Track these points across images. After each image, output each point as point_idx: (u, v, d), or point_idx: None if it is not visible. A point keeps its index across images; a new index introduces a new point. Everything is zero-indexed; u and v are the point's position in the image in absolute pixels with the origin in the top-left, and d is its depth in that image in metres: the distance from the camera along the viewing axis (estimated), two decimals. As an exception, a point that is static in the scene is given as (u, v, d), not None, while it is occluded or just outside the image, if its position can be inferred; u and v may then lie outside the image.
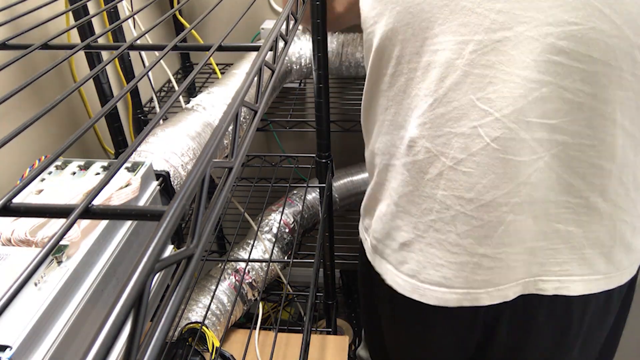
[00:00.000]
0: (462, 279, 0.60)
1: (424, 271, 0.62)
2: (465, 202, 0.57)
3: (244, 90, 0.25)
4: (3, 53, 0.40)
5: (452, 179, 0.57)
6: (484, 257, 0.59)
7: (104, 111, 0.26)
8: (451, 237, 0.59)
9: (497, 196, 0.56)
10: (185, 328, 0.86)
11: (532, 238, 0.58)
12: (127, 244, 0.45)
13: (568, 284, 0.60)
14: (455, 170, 0.56)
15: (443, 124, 0.55)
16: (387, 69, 0.60)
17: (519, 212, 0.56)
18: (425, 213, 0.60)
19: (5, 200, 0.21)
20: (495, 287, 0.60)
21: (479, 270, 0.59)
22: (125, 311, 0.14)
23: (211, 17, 1.32)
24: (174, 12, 0.43)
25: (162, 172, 0.57)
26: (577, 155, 0.54)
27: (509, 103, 0.51)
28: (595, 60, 0.49)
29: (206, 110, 0.84)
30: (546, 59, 0.49)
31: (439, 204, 0.59)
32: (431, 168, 0.58)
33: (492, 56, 0.51)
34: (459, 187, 0.57)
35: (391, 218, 0.65)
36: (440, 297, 0.62)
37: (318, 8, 0.75)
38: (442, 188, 0.58)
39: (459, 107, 0.54)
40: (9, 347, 0.31)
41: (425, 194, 0.60)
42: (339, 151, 1.44)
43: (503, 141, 0.53)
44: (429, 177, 0.59)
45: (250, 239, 1.12)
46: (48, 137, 0.83)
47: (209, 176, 0.21)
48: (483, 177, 0.55)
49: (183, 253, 0.18)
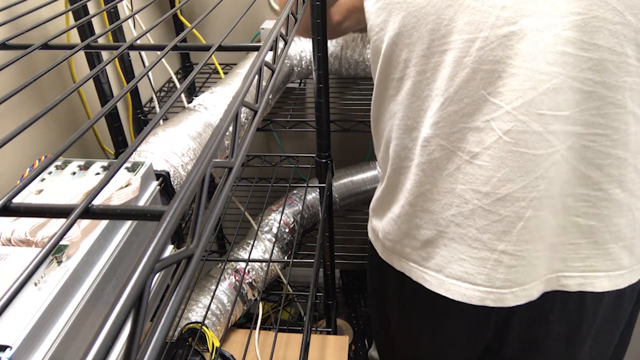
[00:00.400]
0: (483, 276, 0.60)
1: (449, 266, 0.62)
2: (482, 195, 0.57)
3: (244, 90, 0.25)
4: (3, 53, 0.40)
5: (469, 173, 0.57)
6: (504, 254, 0.59)
7: (104, 111, 0.26)
8: (471, 232, 0.60)
9: (512, 190, 0.56)
10: (185, 328, 0.86)
11: (552, 233, 0.58)
12: (127, 244, 0.45)
13: (592, 280, 0.60)
14: (471, 164, 0.57)
15: (457, 120, 0.56)
16: (395, 74, 0.61)
17: (539, 207, 0.56)
18: (445, 208, 0.61)
19: (5, 200, 0.21)
20: (520, 286, 0.60)
21: (499, 268, 0.59)
22: (125, 311, 0.14)
23: (211, 17, 1.32)
24: (174, 12, 0.43)
25: (162, 172, 0.57)
26: (591, 145, 0.54)
27: (518, 96, 0.52)
28: (600, 48, 0.50)
29: (208, 110, 0.84)
30: (553, 49, 0.50)
31: (458, 198, 0.59)
32: (449, 164, 0.59)
33: (499, 51, 0.51)
34: (476, 181, 0.57)
35: (408, 219, 0.65)
36: (464, 293, 0.62)
37: (318, 8, 0.75)
38: (460, 182, 0.58)
39: (471, 103, 0.55)
40: (9, 347, 0.31)
41: (445, 190, 0.60)
42: (339, 151, 1.44)
43: (515, 134, 0.53)
44: (447, 173, 0.59)
45: (250, 239, 1.12)
46: (48, 137, 0.83)
47: (209, 176, 0.21)
48: (497, 170, 0.56)
49: (183, 253, 0.18)
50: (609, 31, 0.49)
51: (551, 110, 0.52)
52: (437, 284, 0.64)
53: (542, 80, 0.51)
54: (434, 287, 0.64)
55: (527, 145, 0.54)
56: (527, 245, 0.58)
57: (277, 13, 1.29)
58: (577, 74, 0.51)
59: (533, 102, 0.52)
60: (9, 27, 0.69)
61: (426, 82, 0.57)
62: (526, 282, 0.60)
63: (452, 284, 0.63)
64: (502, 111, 0.53)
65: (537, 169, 0.55)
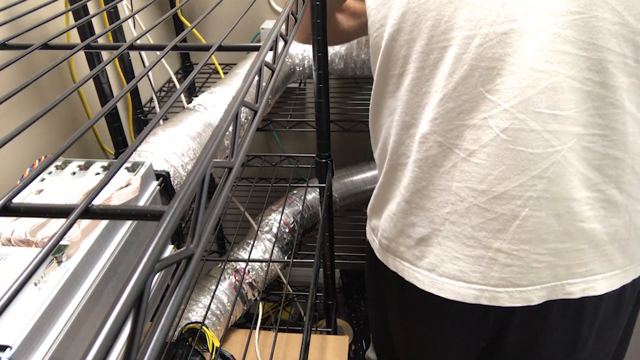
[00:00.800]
0: (478, 274, 0.60)
1: (442, 265, 0.62)
2: (478, 193, 0.57)
3: (244, 90, 0.25)
4: (3, 53, 0.40)
5: (465, 171, 0.57)
6: (499, 251, 0.58)
7: (104, 111, 0.26)
8: (466, 230, 0.59)
9: (508, 188, 0.56)
10: (185, 328, 0.86)
11: (556, 239, 0.58)
12: (127, 244, 0.45)
13: (593, 284, 0.60)
14: (468, 162, 0.57)
15: (454, 117, 0.56)
16: (394, 70, 0.61)
17: (537, 207, 0.56)
18: (441, 206, 0.61)
19: (5, 200, 0.21)
20: (515, 287, 0.60)
21: (494, 265, 0.59)
22: (125, 311, 0.14)
23: (211, 17, 1.32)
24: (174, 12, 0.43)
25: (162, 172, 0.57)
26: (591, 146, 0.54)
27: (516, 93, 0.52)
28: (600, 48, 0.50)
29: (207, 110, 0.84)
30: (552, 48, 0.50)
31: (454, 195, 0.59)
32: (445, 161, 0.59)
33: (498, 49, 0.51)
34: (472, 179, 0.57)
35: (403, 216, 0.65)
36: (458, 292, 0.62)
37: (318, 8, 0.75)
38: (456, 180, 0.58)
39: (469, 100, 0.54)
40: (9, 347, 0.31)
41: (441, 187, 0.60)
42: (339, 151, 1.44)
43: (512, 132, 0.53)
44: (443, 170, 0.59)
45: (250, 239, 1.12)
46: (48, 137, 0.83)
47: (209, 176, 0.21)
48: (494, 168, 0.56)
49: (183, 253, 0.18)
50: (608, 31, 0.49)
51: (549, 109, 0.52)
52: (430, 283, 0.64)
53: (540, 78, 0.51)
54: (427, 286, 0.64)
55: (524, 144, 0.54)
56: (523, 245, 0.58)
57: (277, 13, 1.29)
58: (576, 73, 0.51)
59: (531, 100, 0.52)
60: (9, 27, 0.69)
61: (425, 79, 0.57)
62: (523, 284, 0.60)
63: (446, 283, 0.62)
64: (500, 109, 0.53)
65: (533, 167, 0.54)
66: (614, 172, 0.55)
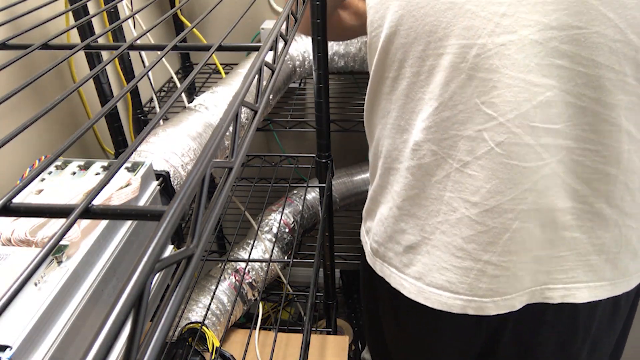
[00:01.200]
0: (466, 285, 0.60)
1: (430, 274, 0.62)
2: (470, 205, 0.57)
3: (244, 90, 0.25)
4: (3, 53, 0.40)
5: (458, 181, 0.57)
6: (488, 264, 0.58)
7: (104, 111, 0.26)
8: (456, 241, 0.59)
9: (501, 202, 0.55)
10: (185, 328, 0.86)
11: (539, 247, 0.58)
12: (127, 244, 0.45)
13: (574, 292, 0.60)
14: (461, 173, 0.56)
15: (449, 126, 0.55)
16: (389, 72, 0.60)
17: (525, 219, 0.56)
18: (432, 215, 0.60)
19: (5, 200, 0.21)
20: (501, 296, 0.60)
21: (483, 277, 0.59)
22: (125, 311, 0.14)
23: (211, 17, 1.32)
24: (174, 12, 0.43)
25: (162, 172, 0.57)
26: (581, 160, 0.53)
27: (513, 107, 0.51)
28: (598, 64, 0.49)
29: (208, 110, 0.84)
30: (549, 62, 0.49)
31: (446, 205, 0.58)
32: (438, 170, 0.58)
33: (495, 60, 0.50)
34: (465, 190, 0.56)
35: (394, 222, 0.65)
36: (445, 302, 0.61)
37: (318, 8, 0.75)
38: (449, 190, 0.58)
39: (464, 111, 0.54)
40: (9, 347, 0.31)
41: (433, 196, 0.59)
42: (339, 151, 1.44)
43: (507, 146, 0.53)
44: (436, 179, 0.58)
45: (250, 239, 1.12)
46: (48, 137, 0.83)
47: (209, 176, 0.21)
48: (487, 181, 0.55)
49: (183, 253, 0.18)
50: (609, 48, 0.48)
51: (543, 123, 0.52)
52: (416, 291, 0.63)
53: (536, 92, 0.50)
54: (412, 294, 0.64)
55: (519, 158, 0.53)
56: (511, 257, 0.58)
57: (277, 13, 1.29)
58: (572, 88, 0.50)
59: (527, 115, 0.51)
60: (9, 27, 0.69)
61: (420, 85, 0.56)
62: (508, 292, 0.60)
63: (432, 292, 0.62)
64: (496, 122, 0.52)
65: (525, 181, 0.54)
66: (604, 186, 0.55)
